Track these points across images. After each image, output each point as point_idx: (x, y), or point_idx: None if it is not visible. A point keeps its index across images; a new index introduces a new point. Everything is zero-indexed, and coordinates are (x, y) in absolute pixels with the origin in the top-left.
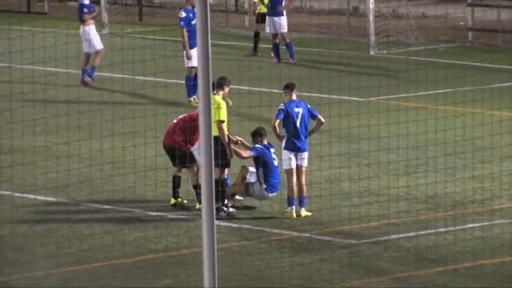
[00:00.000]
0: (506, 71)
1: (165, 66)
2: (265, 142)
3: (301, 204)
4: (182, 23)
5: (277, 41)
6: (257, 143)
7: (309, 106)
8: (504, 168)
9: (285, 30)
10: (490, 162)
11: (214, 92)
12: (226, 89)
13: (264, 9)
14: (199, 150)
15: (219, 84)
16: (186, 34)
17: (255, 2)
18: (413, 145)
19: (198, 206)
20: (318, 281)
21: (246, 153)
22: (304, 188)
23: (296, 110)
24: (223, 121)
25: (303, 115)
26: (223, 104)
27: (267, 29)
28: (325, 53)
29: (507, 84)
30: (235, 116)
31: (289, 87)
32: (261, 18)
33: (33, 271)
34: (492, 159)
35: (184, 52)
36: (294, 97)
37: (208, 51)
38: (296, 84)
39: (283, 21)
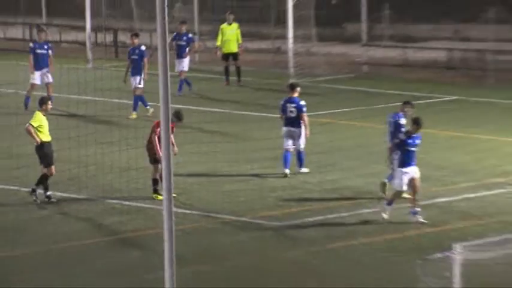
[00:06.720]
0: (389, 95)
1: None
2: None
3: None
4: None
5: (183, 77)
6: None
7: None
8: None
9: (185, 69)
10: (378, 162)
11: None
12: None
13: (228, 50)
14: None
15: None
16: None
17: (217, 46)
18: (324, 150)
19: (156, 196)
20: (253, 254)
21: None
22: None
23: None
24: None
25: None
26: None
27: (176, 68)
28: (255, 81)
29: (390, 105)
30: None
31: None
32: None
33: (34, 247)
34: (379, 159)
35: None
36: None
37: (167, 74)
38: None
39: (185, 63)
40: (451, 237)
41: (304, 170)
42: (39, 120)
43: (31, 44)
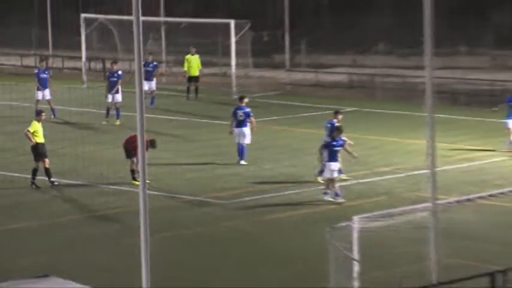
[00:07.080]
0: (306, 107)
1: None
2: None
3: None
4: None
5: (154, 94)
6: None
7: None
8: (304, 159)
9: (154, 88)
10: (299, 156)
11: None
12: (42, 117)
13: (191, 74)
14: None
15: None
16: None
17: (184, 71)
18: (258, 148)
19: (134, 182)
20: (205, 224)
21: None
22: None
23: None
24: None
25: None
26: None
27: (145, 87)
28: (208, 97)
29: (306, 114)
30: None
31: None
32: (189, 79)
33: (41, 220)
34: (299, 154)
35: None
36: None
37: (142, 92)
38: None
39: (153, 84)
40: (351, 211)
41: (243, 162)
42: (35, 127)
43: (36, 70)
